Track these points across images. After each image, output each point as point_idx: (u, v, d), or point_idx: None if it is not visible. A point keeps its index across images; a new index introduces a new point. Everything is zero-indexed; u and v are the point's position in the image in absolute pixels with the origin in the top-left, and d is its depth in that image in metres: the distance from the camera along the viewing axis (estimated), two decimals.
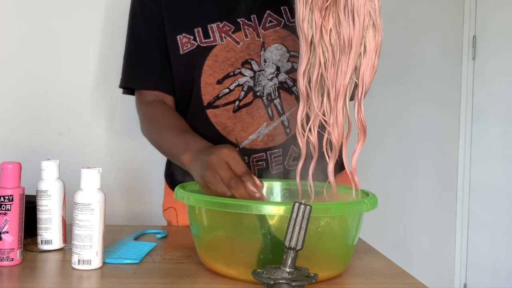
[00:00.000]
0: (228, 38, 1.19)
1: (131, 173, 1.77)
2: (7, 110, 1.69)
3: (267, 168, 1.21)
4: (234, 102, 1.20)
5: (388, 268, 1.00)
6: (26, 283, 0.88)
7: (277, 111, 1.21)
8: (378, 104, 2.11)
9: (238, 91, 1.19)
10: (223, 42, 1.19)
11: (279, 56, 1.21)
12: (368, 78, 0.91)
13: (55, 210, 1.04)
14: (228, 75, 1.19)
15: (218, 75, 1.19)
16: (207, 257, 0.93)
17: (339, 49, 0.90)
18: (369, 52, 0.90)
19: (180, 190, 0.94)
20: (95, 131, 1.74)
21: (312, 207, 0.72)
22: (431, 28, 2.23)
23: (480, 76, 2.29)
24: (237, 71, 1.19)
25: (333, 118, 0.92)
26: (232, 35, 1.19)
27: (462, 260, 2.30)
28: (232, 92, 1.19)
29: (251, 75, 1.19)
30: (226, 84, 1.19)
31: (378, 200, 0.94)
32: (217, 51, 1.19)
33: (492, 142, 2.33)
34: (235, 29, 1.20)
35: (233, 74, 1.19)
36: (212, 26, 1.19)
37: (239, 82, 1.19)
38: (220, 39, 1.19)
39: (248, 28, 1.20)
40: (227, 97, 1.20)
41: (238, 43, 1.19)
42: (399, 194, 2.18)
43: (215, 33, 1.19)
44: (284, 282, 0.70)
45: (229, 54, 1.19)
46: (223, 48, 1.19)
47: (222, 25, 1.19)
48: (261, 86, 1.20)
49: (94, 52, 1.73)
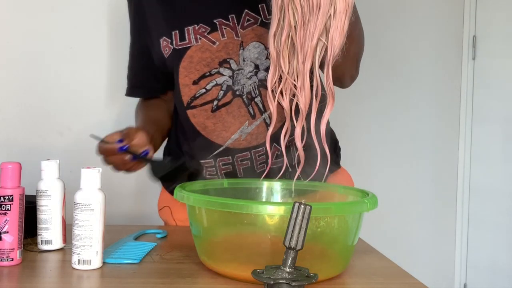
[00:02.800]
0: (204, 39, 1.20)
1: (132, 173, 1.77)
2: (7, 110, 1.69)
3: (252, 167, 1.21)
4: (212, 102, 1.20)
5: (388, 268, 1.00)
6: (26, 283, 0.88)
7: (258, 109, 1.20)
8: (378, 104, 2.11)
9: (216, 90, 1.20)
10: (198, 43, 1.19)
11: (257, 54, 1.21)
12: (337, 40, 0.89)
13: (55, 210, 1.03)
14: (204, 75, 1.20)
15: (194, 76, 1.20)
16: (207, 257, 0.93)
17: (308, 10, 0.88)
18: (338, 14, 0.87)
19: (180, 190, 0.94)
20: (95, 131, 1.74)
21: (312, 207, 0.72)
22: (431, 28, 2.23)
23: (480, 76, 2.29)
24: (214, 71, 1.20)
25: (300, 81, 0.91)
26: (208, 36, 1.20)
27: (462, 260, 2.30)
28: (209, 92, 1.20)
29: (229, 75, 1.20)
30: (202, 84, 1.20)
31: (378, 200, 0.94)
32: (192, 52, 1.20)
33: (492, 142, 2.33)
34: (211, 29, 1.20)
35: (209, 74, 1.20)
36: (189, 29, 1.20)
37: (217, 82, 1.20)
38: (195, 40, 1.19)
39: (226, 28, 1.20)
40: (204, 97, 1.20)
41: (214, 43, 1.19)
42: (399, 194, 2.19)
43: (191, 35, 1.20)
44: (284, 282, 0.70)
45: (204, 54, 1.19)
46: (198, 49, 1.19)
47: (198, 27, 1.20)
48: (241, 85, 1.20)
49: (94, 52, 1.73)
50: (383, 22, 2.09)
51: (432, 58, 2.24)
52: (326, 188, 1.12)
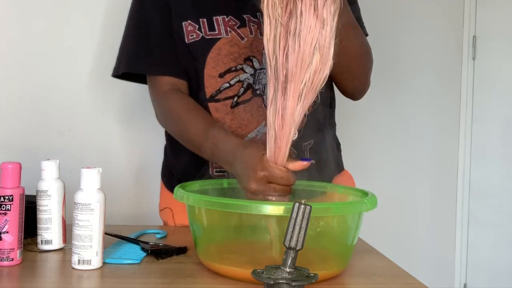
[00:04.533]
0: (233, 32, 1.19)
1: (131, 173, 1.77)
2: (7, 110, 1.69)
3: None
4: (233, 98, 1.19)
5: (388, 268, 1.00)
6: (26, 283, 0.88)
7: None
8: (377, 104, 2.11)
9: (238, 87, 1.19)
10: (227, 36, 1.19)
11: None
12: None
13: (55, 210, 1.04)
14: (230, 70, 1.19)
15: (221, 69, 1.19)
16: (207, 257, 0.93)
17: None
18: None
19: (180, 190, 0.94)
20: (95, 131, 1.74)
21: (312, 207, 0.72)
22: (431, 28, 2.23)
23: (480, 76, 2.29)
24: (239, 66, 1.19)
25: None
26: (237, 30, 1.19)
27: (462, 260, 2.30)
28: (232, 87, 1.19)
29: (251, 73, 1.19)
30: (227, 78, 1.19)
31: (377, 200, 0.94)
32: (221, 45, 1.19)
33: (492, 142, 2.33)
34: (240, 24, 1.20)
35: (235, 69, 1.19)
36: (218, 19, 1.19)
37: (240, 78, 1.19)
38: (225, 32, 1.19)
39: (254, 25, 1.20)
40: (226, 92, 1.19)
41: (243, 39, 1.19)
42: (399, 194, 2.18)
43: (220, 26, 1.19)
44: (284, 282, 0.70)
45: (232, 48, 1.19)
46: (227, 42, 1.19)
47: (228, 19, 1.19)
48: (261, 85, 1.19)
49: (94, 52, 1.73)
50: (383, 22, 2.09)
51: (432, 58, 2.23)
52: (326, 188, 1.12)
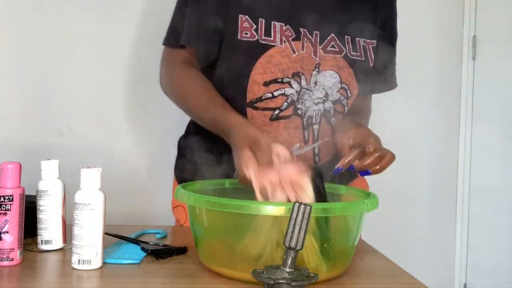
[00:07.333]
0: (287, 43, 1.15)
1: (131, 173, 1.77)
2: (7, 110, 1.69)
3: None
4: (274, 110, 1.17)
5: (388, 268, 1.00)
6: (26, 283, 0.88)
7: (313, 137, 1.19)
8: (377, 104, 2.11)
9: (281, 100, 1.16)
10: (281, 46, 1.15)
11: (331, 84, 1.19)
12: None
13: (55, 210, 1.03)
14: (276, 80, 1.16)
15: (267, 77, 1.15)
16: (207, 257, 0.93)
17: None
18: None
19: (180, 190, 0.94)
20: (95, 131, 1.74)
21: (312, 207, 0.72)
22: (431, 28, 2.23)
23: (480, 76, 2.29)
24: (286, 79, 1.16)
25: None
26: (292, 42, 1.16)
27: (462, 260, 2.30)
28: (274, 99, 1.16)
29: (297, 89, 1.17)
30: (271, 88, 1.16)
31: (378, 201, 0.94)
32: (273, 53, 1.15)
33: (492, 142, 2.33)
34: (295, 36, 1.16)
35: (281, 81, 1.16)
36: (276, 25, 1.15)
37: (284, 92, 1.16)
38: (280, 41, 1.15)
39: (307, 42, 1.17)
40: (267, 102, 1.16)
41: (294, 52, 1.16)
42: (399, 194, 2.18)
43: (277, 33, 1.15)
44: (284, 282, 0.70)
45: (283, 59, 1.15)
46: (280, 51, 1.15)
47: (285, 28, 1.15)
48: (305, 106, 1.17)
49: (94, 52, 1.73)
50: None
51: (432, 58, 2.23)
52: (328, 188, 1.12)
